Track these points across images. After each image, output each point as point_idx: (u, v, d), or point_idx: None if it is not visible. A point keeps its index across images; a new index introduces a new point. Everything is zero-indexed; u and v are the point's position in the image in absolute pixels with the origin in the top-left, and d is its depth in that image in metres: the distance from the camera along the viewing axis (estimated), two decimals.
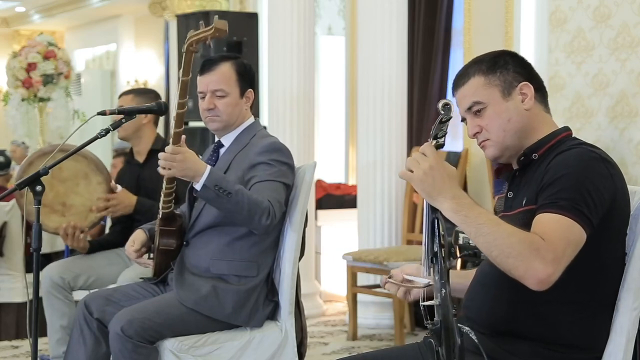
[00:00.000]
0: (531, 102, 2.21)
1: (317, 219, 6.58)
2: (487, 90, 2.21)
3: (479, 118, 2.23)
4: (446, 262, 1.97)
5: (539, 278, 1.95)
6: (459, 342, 1.92)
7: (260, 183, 3.07)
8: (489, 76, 2.21)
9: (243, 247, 3.14)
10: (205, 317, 3.10)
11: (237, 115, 3.25)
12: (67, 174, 3.93)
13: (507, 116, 2.21)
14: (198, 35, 3.03)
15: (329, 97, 8.41)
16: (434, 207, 2.02)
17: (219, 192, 2.93)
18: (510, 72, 2.22)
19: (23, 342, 5.27)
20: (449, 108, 2.02)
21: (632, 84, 5.05)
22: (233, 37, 6.62)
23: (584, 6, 5.28)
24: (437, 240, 1.99)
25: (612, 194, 2.08)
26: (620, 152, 5.03)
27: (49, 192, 3.87)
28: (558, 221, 2.00)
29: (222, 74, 3.22)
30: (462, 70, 2.29)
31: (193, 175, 2.95)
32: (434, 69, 6.33)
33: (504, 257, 1.96)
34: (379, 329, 5.60)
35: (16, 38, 13.53)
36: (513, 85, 2.21)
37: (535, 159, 2.20)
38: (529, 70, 2.25)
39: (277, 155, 3.15)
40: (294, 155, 3.31)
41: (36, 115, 7.32)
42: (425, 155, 2.04)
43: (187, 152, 2.97)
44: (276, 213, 3.01)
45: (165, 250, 3.22)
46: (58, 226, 3.97)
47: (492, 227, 1.98)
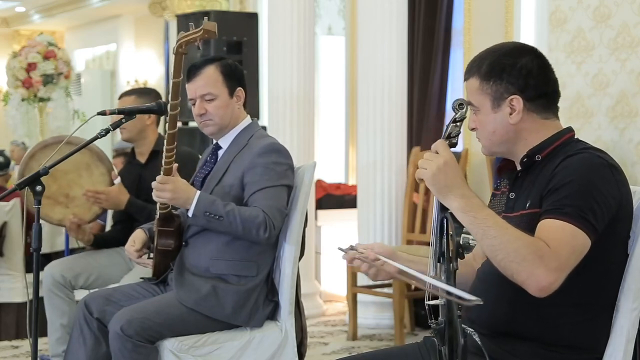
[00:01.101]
0: (518, 117, 2.19)
1: (317, 219, 6.58)
2: (479, 96, 2.21)
3: (475, 116, 2.24)
4: (453, 262, 1.97)
5: (541, 285, 1.95)
6: (462, 343, 1.92)
7: (259, 192, 3.10)
8: (482, 83, 2.21)
9: (242, 246, 3.14)
10: (205, 317, 3.10)
11: (229, 116, 3.26)
12: (69, 165, 3.93)
13: (493, 128, 2.21)
14: (187, 37, 3.04)
15: (329, 97, 8.41)
16: (444, 206, 2.01)
17: (210, 217, 3.03)
18: (503, 83, 2.19)
19: (23, 342, 5.27)
20: (463, 107, 2.01)
21: (632, 84, 5.05)
22: (233, 37, 6.62)
23: (584, 6, 5.28)
24: (446, 240, 1.99)
25: (618, 200, 2.08)
26: (620, 152, 5.03)
27: (52, 184, 3.88)
28: (563, 228, 2.00)
29: (207, 77, 3.22)
30: (475, 59, 2.26)
31: (183, 203, 3.06)
32: (434, 69, 6.33)
33: (508, 261, 1.97)
34: (379, 329, 5.59)
35: (16, 38, 13.53)
36: (503, 97, 2.19)
37: (539, 160, 2.19)
38: (524, 78, 2.19)
39: (275, 157, 3.16)
40: (293, 155, 3.32)
41: (36, 115, 7.33)
42: (439, 152, 2.04)
43: (177, 181, 3.07)
44: (274, 223, 3.05)
45: (164, 251, 3.22)
46: (62, 217, 3.99)
47: (499, 231, 1.98)
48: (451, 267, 1.95)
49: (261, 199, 3.08)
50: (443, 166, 2.02)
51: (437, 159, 2.03)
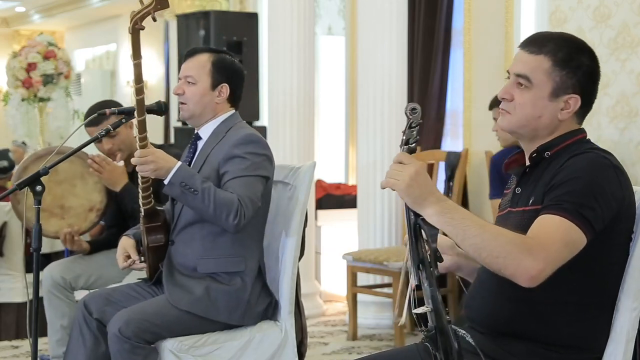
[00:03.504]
0: (567, 116, 2.18)
1: (317, 219, 6.57)
2: (543, 77, 2.15)
3: (518, 90, 2.18)
4: (434, 267, 1.96)
5: (530, 274, 1.94)
6: (456, 347, 1.91)
7: (234, 180, 3.06)
8: (554, 67, 2.15)
9: (226, 243, 3.13)
10: (202, 318, 3.10)
11: (204, 106, 3.24)
12: (63, 176, 3.91)
13: (540, 113, 2.16)
14: (140, 13, 3.02)
15: (329, 97, 8.41)
16: (416, 212, 1.99)
17: (185, 188, 2.97)
18: (573, 79, 2.16)
19: (23, 342, 5.27)
20: (417, 112, 1.99)
21: (632, 84, 5.05)
22: (233, 37, 6.62)
23: (584, 6, 5.28)
24: (422, 246, 1.98)
25: (620, 201, 2.08)
26: (620, 152, 5.03)
27: (47, 196, 3.85)
28: (558, 223, 1.99)
29: (197, 62, 3.24)
30: (549, 38, 2.20)
31: (165, 172, 3.00)
32: (434, 69, 6.32)
33: (493, 257, 1.95)
34: (379, 329, 5.59)
35: (16, 38, 13.54)
36: (567, 91, 2.16)
37: (548, 157, 2.18)
38: (592, 84, 2.19)
39: (252, 147, 3.13)
40: (293, 155, 3.32)
41: (36, 115, 7.32)
42: (405, 162, 2.01)
43: (156, 151, 3.03)
44: (245, 212, 2.99)
45: (155, 247, 3.21)
46: (58, 230, 3.95)
47: (478, 229, 1.96)
48: (433, 273, 1.94)
49: (237, 187, 3.04)
50: (415, 176, 1.98)
51: (407, 169, 1.99)
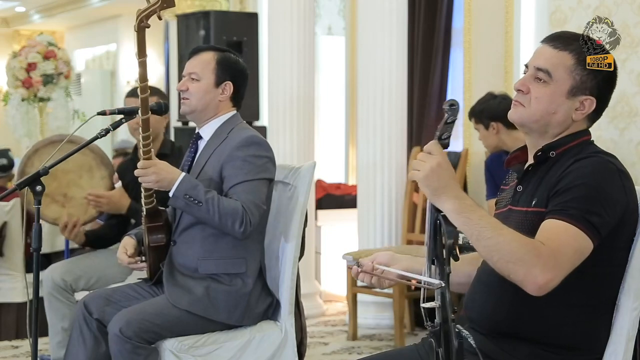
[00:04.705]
0: (581, 117, 2.18)
1: (317, 219, 6.57)
2: (564, 74, 2.15)
3: (536, 83, 2.18)
4: (447, 265, 1.96)
5: (538, 284, 1.94)
6: (457, 346, 1.92)
7: (239, 185, 3.07)
8: (577, 66, 2.15)
9: (227, 244, 3.13)
10: (202, 318, 3.10)
11: (207, 103, 3.24)
12: (71, 165, 3.92)
13: (555, 109, 2.17)
14: (147, 11, 3.03)
15: (329, 97, 8.40)
16: (437, 208, 1.99)
17: (189, 200, 3.00)
18: (594, 81, 2.16)
19: (23, 342, 5.27)
20: (455, 109, 1.99)
21: (632, 84, 5.05)
22: (233, 37, 6.61)
23: (584, 6, 5.28)
24: (439, 242, 1.98)
25: (625, 206, 2.08)
26: (620, 152, 5.02)
27: (52, 183, 3.87)
28: (565, 229, 1.99)
29: (202, 59, 3.26)
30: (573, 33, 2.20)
31: (168, 184, 3.03)
32: (434, 69, 6.32)
33: (504, 262, 1.96)
34: (379, 329, 5.59)
35: (16, 38, 13.53)
36: (584, 92, 2.16)
37: (553, 156, 2.18)
38: (609, 90, 2.19)
39: (254, 149, 3.14)
40: (293, 155, 3.32)
41: (36, 115, 7.33)
42: (432, 153, 2.01)
43: (159, 163, 3.05)
44: (250, 218, 3.02)
45: (157, 247, 3.21)
46: (57, 217, 3.98)
47: (493, 232, 1.97)
48: (445, 271, 1.94)
49: (241, 193, 3.05)
50: (436, 167, 1.98)
51: (430, 160, 1.99)
